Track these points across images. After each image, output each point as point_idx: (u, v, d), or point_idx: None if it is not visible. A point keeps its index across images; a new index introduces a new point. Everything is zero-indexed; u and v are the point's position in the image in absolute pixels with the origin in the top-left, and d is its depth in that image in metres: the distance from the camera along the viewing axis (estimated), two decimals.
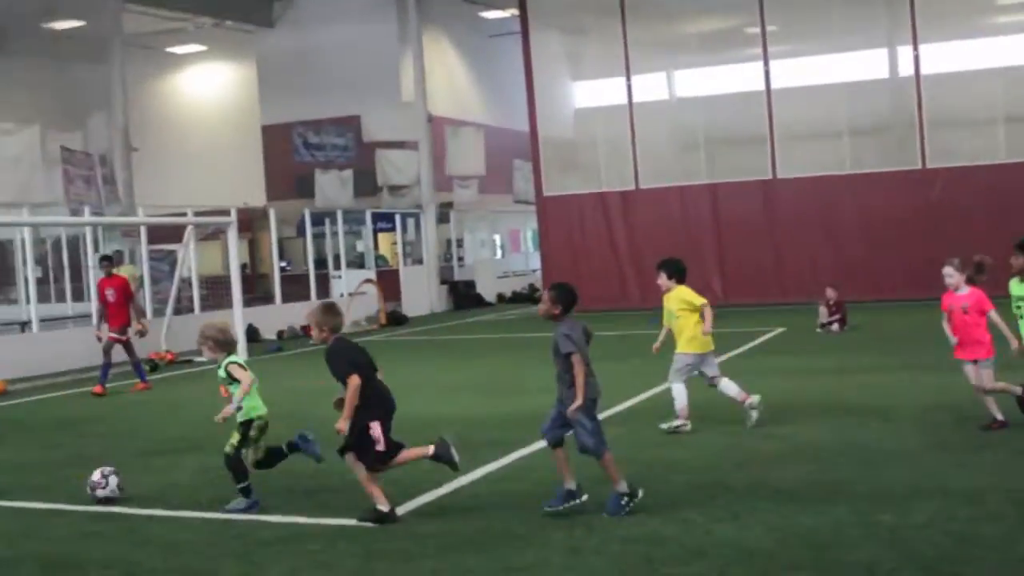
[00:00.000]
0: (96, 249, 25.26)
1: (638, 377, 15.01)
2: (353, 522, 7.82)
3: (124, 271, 24.45)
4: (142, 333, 17.40)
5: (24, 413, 15.22)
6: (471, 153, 36.43)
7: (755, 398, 10.95)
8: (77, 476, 10.14)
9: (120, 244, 27.17)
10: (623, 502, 7.72)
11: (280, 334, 25.70)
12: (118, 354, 17.09)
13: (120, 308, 17.03)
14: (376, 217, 34.04)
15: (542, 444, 10.40)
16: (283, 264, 32.05)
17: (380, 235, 36.31)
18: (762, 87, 28.72)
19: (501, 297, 36.67)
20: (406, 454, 8.15)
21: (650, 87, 31.13)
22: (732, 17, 30.96)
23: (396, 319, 28.78)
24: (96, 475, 8.98)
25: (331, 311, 8.26)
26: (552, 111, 32.01)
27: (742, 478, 8.60)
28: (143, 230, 24.63)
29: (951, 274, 9.91)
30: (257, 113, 40.26)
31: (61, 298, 27.14)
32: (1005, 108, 26.89)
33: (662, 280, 11.16)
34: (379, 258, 35.22)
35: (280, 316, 26.70)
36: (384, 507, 7.83)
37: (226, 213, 23.40)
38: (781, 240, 28.09)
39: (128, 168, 32.70)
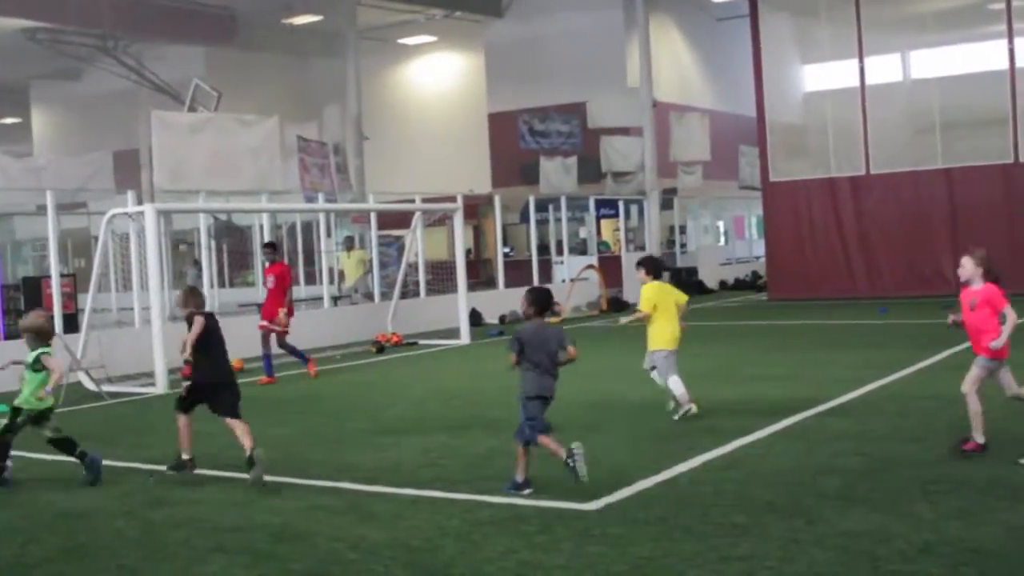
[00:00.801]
0: (328, 234, 26.13)
1: (861, 368, 14.59)
2: (572, 505, 7.85)
3: (355, 256, 25.31)
4: (281, 325, 16.78)
5: (256, 392, 15.89)
6: (696, 138, 36.06)
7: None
8: (305, 452, 10.58)
9: (351, 230, 28.07)
10: (511, 487, 8.35)
11: (502, 318, 26.05)
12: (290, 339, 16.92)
13: (277, 297, 16.62)
14: (599, 203, 34.07)
15: (762, 433, 10.29)
16: (506, 250, 32.45)
17: (603, 221, 36.32)
18: (1005, 66, 27.32)
19: (723, 284, 36.16)
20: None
21: (883, 69, 30.06)
22: None
23: (617, 305, 28.78)
24: None
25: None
26: (780, 95, 31.30)
27: (975, 474, 8.22)
28: (373, 216, 25.36)
29: (965, 266, 9.42)
30: (484, 101, 40.89)
31: (295, 281, 28.17)
32: None
33: (640, 275, 11.69)
34: (601, 244, 35.25)
35: (503, 301, 27.04)
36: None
37: (452, 200, 23.83)
38: (1022, 227, 26.69)
39: (360, 156, 33.79)
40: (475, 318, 24.18)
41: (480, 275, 34.15)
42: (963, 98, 28.26)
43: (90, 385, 15.71)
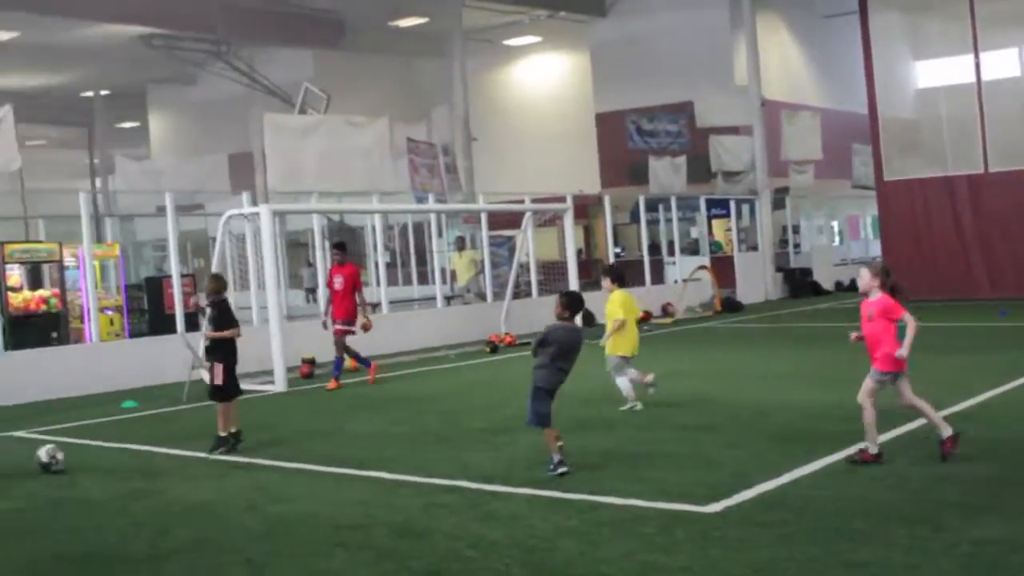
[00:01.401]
0: (440, 235, 26.33)
1: (984, 373, 14.24)
2: (691, 507, 7.82)
3: (466, 256, 25.46)
4: (366, 328, 16.82)
5: (375, 389, 16.10)
6: (807, 137, 35.55)
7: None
8: (423, 451, 10.68)
9: (462, 230, 28.23)
10: (551, 467, 9.07)
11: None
12: (352, 342, 16.86)
13: (346, 297, 16.56)
14: (710, 203, 33.77)
15: (883, 438, 10.08)
16: (617, 250, 32.34)
17: (714, 221, 36.00)
18: None
19: (839, 285, 35.54)
20: None
21: (1000, 64, 29.33)
22: None
23: (730, 306, 28.52)
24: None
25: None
26: (892, 92, 30.73)
27: None
28: (483, 217, 25.50)
29: (863, 276, 9.28)
30: (591, 102, 40.81)
31: (407, 281, 28.47)
32: None
33: (606, 284, 12.77)
34: (713, 244, 34.94)
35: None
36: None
37: (562, 200, 23.86)
38: None
39: (469, 157, 33.96)
40: (586, 319, 24.08)
41: (591, 275, 34.09)
42: None
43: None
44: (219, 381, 11.06)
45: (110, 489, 9.55)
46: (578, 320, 9.76)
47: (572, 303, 9.77)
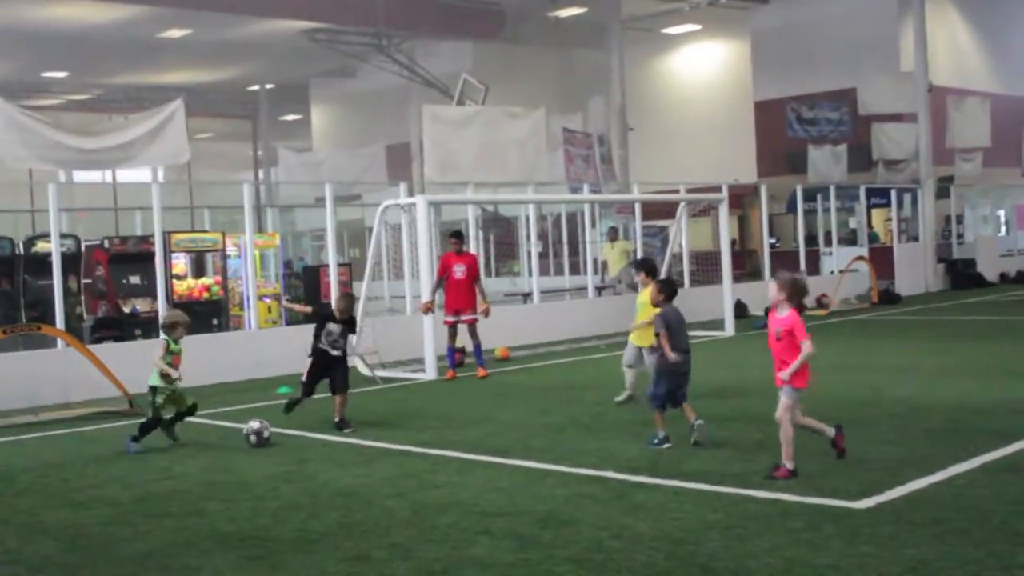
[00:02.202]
0: (593, 225, 26.28)
1: None
2: (841, 503, 7.66)
3: (618, 246, 25.37)
4: (486, 314, 16.56)
5: (524, 378, 16.18)
6: (975, 124, 34.37)
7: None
8: (569, 441, 10.70)
9: (615, 220, 28.14)
10: (655, 442, 10.01)
11: (767, 310, 25.57)
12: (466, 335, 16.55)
13: (468, 288, 16.41)
14: (870, 192, 32.94)
15: None
16: (772, 240, 31.81)
17: (873, 211, 35.09)
18: None
19: (1004, 277, 34.33)
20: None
21: None
22: None
23: (889, 297, 27.79)
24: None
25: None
26: None
27: None
28: (637, 207, 25.36)
29: (770, 290, 8.85)
30: (750, 90, 40.20)
31: (559, 271, 28.51)
32: None
33: (639, 277, 12.55)
34: (872, 235, 34.08)
35: (768, 292, 26.55)
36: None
37: (717, 190, 23.56)
38: None
39: (624, 147, 33.83)
40: (740, 310, 23.83)
41: (745, 266, 33.62)
42: None
43: (364, 370, 16.36)
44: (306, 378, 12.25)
45: (264, 471, 9.81)
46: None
47: (667, 287, 10.64)
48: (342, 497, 8.66)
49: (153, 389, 11.42)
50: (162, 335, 11.98)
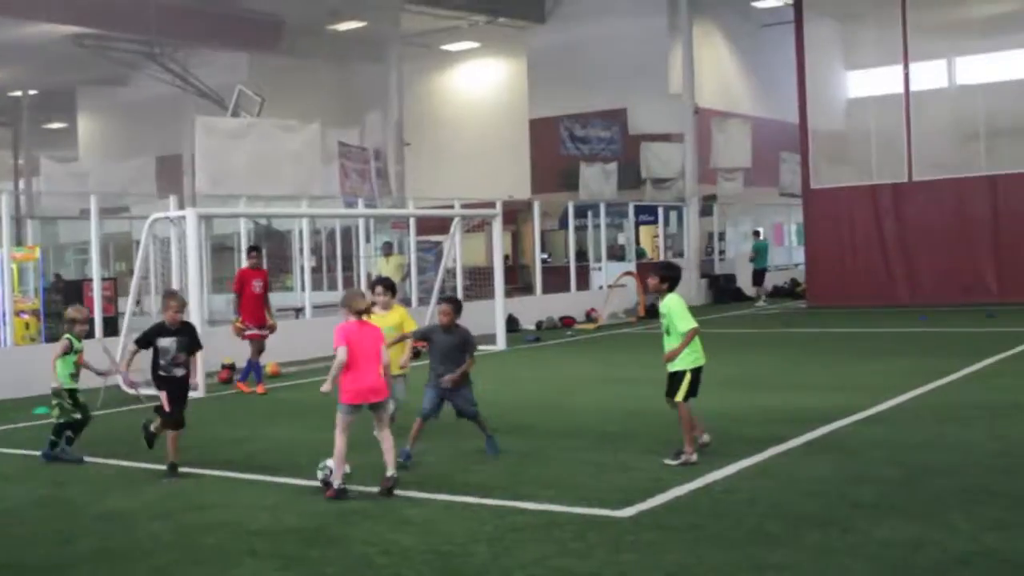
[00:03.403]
0: (368, 240, 26.22)
1: (899, 376, 14.49)
2: (606, 512, 7.84)
3: (393, 261, 25.36)
4: (273, 329, 16.32)
5: (295, 394, 15.97)
6: (737, 145, 35.91)
7: None
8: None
9: (390, 235, 28.14)
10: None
11: (539, 324, 26.05)
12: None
13: (261, 302, 16.14)
14: (639, 210, 34.00)
15: (796, 441, 10.23)
16: (544, 256, 32.43)
17: (642, 228, 36.23)
18: None
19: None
20: None
21: (928, 75, 29.83)
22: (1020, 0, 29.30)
23: (655, 312, 28.63)
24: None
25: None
26: (823, 101, 31.12)
27: (1014, 485, 8.15)
28: (412, 222, 25.43)
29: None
30: (526, 107, 40.88)
31: (333, 286, 28.31)
32: None
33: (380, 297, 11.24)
34: (639, 251, 35.16)
35: (540, 307, 27.06)
36: None
37: (491, 206, 23.87)
38: None
39: (401, 162, 33.87)
40: (512, 324, 24.19)
41: (518, 281, 34.14)
42: (1009, 105, 28.02)
43: (127, 388, 15.81)
44: (168, 408, 10.10)
45: (17, 497, 9.38)
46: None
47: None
48: (102, 522, 8.34)
49: (61, 392, 10.76)
50: (65, 333, 11.10)
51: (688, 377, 9.67)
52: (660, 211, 34.08)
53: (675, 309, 9.78)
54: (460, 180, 37.27)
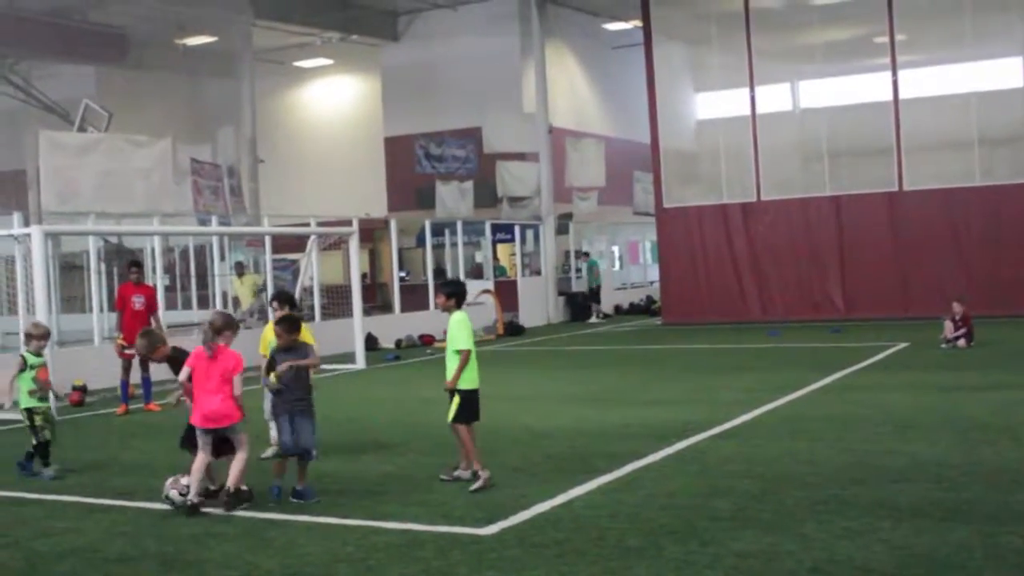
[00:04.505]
0: (222, 258, 25.80)
1: (753, 391, 14.85)
2: (469, 530, 7.85)
3: (247, 280, 25.03)
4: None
5: (154, 417, 15.60)
6: (591, 164, 36.36)
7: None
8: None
9: (245, 253, 27.74)
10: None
11: (398, 343, 25.97)
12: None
13: (146, 321, 15.72)
14: (495, 228, 34.19)
15: (655, 456, 10.40)
16: (402, 274, 32.36)
17: (499, 246, 36.44)
18: (889, 97, 28.17)
19: (618, 309, 36.55)
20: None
21: (774, 98, 30.77)
22: (860, 26, 30.40)
23: (513, 329, 28.85)
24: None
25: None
26: (674, 122, 31.81)
27: (862, 494, 8.41)
28: (267, 240, 25.11)
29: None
30: (380, 125, 40.76)
31: (188, 305, 27.74)
32: None
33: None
34: (497, 269, 35.36)
35: (398, 325, 26.98)
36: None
37: (348, 224, 23.72)
38: (906, 253, 27.49)
39: (255, 179, 33.40)
40: (371, 342, 24.07)
41: (376, 299, 33.98)
42: (850, 127, 29.04)
43: None
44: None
45: None
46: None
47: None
48: None
49: (29, 411, 10.55)
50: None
51: (458, 398, 9.55)
52: (517, 229, 34.34)
53: (455, 327, 9.73)
54: (316, 198, 37.00)
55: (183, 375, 9.09)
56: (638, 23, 32.75)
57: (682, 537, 7.42)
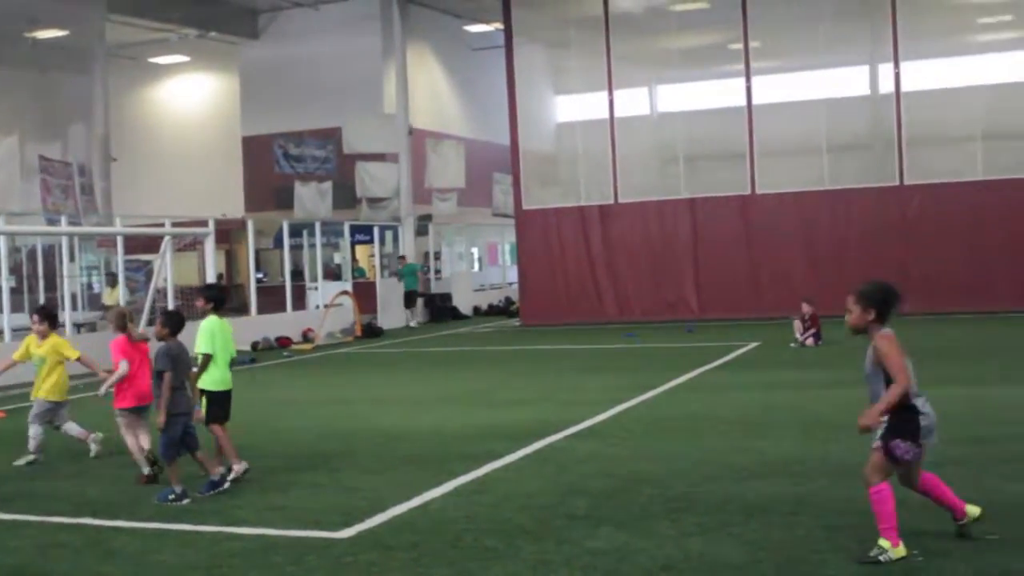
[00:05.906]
0: (72, 259, 25.10)
1: (609, 392, 15.03)
2: (324, 534, 7.78)
3: (118, 290, 24.41)
4: None
5: (4, 423, 15.07)
6: (451, 166, 36.39)
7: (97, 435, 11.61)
8: (42, 487, 10.08)
9: (96, 254, 27.02)
10: (171, 497, 9.03)
11: (254, 345, 25.60)
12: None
13: None
14: (354, 229, 33.97)
15: (513, 456, 10.46)
16: (259, 275, 31.93)
17: (358, 247, 36.22)
18: (743, 103, 28.83)
19: (477, 310, 36.65)
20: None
21: (632, 102, 31.25)
22: (715, 33, 31.09)
23: (371, 331, 28.68)
24: None
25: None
26: (533, 125, 32.06)
27: (713, 492, 8.58)
28: (120, 240, 24.52)
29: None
30: (238, 124, 40.14)
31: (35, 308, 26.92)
32: (983, 126, 27.06)
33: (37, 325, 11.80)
34: (357, 270, 35.13)
35: (255, 327, 26.58)
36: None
37: (204, 224, 23.31)
38: (758, 255, 28.19)
39: (107, 178, 32.52)
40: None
41: (232, 301, 33.42)
42: (705, 132, 29.66)
43: None
44: None
45: None
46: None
47: (170, 321, 9.86)
48: None
49: None
50: None
51: (205, 399, 9.83)
52: (376, 230, 34.20)
53: (198, 332, 10.03)
54: (171, 197, 36.29)
55: (124, 368, 10.26)
56: (499, 25, 32.91)
57: (538, 537, 7.47)
